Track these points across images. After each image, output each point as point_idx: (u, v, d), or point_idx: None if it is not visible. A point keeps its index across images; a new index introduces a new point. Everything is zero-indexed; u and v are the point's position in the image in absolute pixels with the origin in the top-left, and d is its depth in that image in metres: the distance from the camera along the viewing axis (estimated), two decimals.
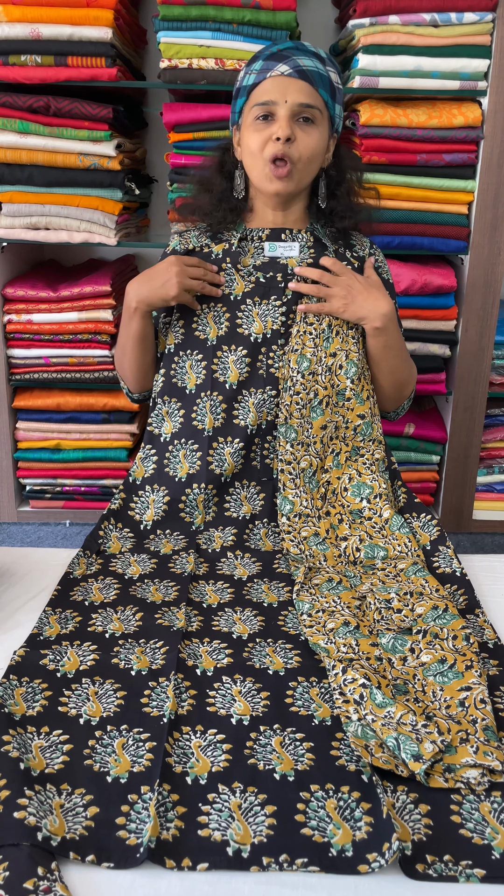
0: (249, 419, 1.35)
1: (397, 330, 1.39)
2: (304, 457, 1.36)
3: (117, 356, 1.50)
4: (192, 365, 1.39)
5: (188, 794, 0.80)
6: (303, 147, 1.28)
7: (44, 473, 2.16)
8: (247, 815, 0.77)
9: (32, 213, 1.91)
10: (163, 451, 1.41)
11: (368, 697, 0.92)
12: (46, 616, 1.12)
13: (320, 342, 1.35)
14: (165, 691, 0.95)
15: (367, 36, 1.79)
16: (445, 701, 0.94)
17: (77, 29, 1.76)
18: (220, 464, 1.36)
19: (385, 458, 1.41)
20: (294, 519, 1.34)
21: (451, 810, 0.79)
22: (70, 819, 0.77)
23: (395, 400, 1.48)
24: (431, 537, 1.32)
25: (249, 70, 1.30)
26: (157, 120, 2.23)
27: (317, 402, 1.35)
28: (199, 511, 1.38)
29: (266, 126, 1.27)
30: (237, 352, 1.36)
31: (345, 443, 1.38)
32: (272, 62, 1.26)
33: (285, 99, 1.25)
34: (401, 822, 0.77)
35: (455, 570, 1.25)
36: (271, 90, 1.26)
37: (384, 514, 1.33)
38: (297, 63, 1.25)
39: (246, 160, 1.33)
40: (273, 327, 1.36)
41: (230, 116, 1.38)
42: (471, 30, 1.78)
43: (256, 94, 1.28)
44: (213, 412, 1.37)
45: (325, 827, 0.76)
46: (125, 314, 1.39)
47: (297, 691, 0.96)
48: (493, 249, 1.93)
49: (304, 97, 1.26)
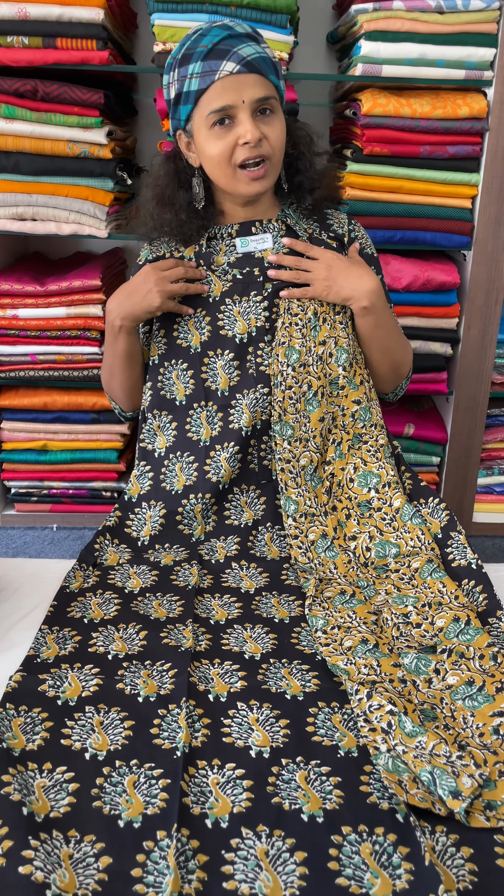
0: (243, 421, 1.29)
1: (387, 307, 1.33)
2: (304, 453, 1.29)
3: (105, 378, 1.43)
4: (179, 375, 1.32)
5: (209, 840, 0.73)
6: (273, 140, 1.21)
7: (30, 475, 2.07)
8: (275, 864, 0.71)
9: (19, 203, 1.82)
10: (158, 468, 1.34)
11: (397, 726, 0.85)
12: (43, 635, 1.04)
13: (307, 332, 1.29)
14: (177, 720, 0.88)
15: (371, 22, 1.72)
16: (478, 728, 0.88)
17: (67, 9, 1.67)
18: (217, 471, 1.30)
19: (389, 444, 1.35)
20: (300, 520, 1.27)
21: (495, 853, 0.73)
22: (80, 871, 0.69)
23: (392, 381, 1.42)
24: (442, 523, 1.26)
25: (188, 73, 1.18)
26: (147, 107, 2.14)
27: (311, 394, 1.29)
28: (197, 522, 1.31)
29: (227, 131, 1.19)
30: (224, 356, 1.30)
31: (345, 431, 1.32)
32: (213, 61, 1.16)
33: (242, 99, 1.17)
34: (443, 869, 0.71)
35: (470, 561, 1.18)
36: (224, 93, 1.16)
37: (395, 504, 1.27)
38: (241, 55, 1.16)
39: (210, 168, 1.24)
40: (257, 324, 1.29)
41: (171, 122, 1.27)
42: (477, 17, 1.72)
43: (207, 99, 1.18)
44: (210, 422, 1.30)
45: (362, 876, 0.70)
46: (109, 334, 1.32)
47: (318, 718, 0.90)
48: (496, 245, 1.87)
49: (260, 90, 1.18)
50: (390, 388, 1.44)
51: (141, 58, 2.09)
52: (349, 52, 1.87)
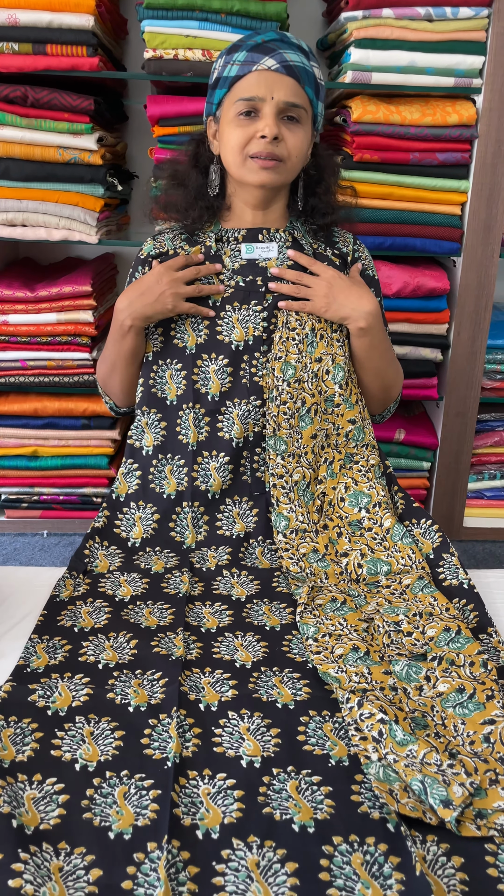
0: (234, 432, 1.29)
1: (382, 330, 1.34)
2: (297, 469, 1.29)
3: (102, 372, 1.42)
4: (172, 375, 1.32)
5: (200, 852, 0.73)
6: (290, 146, 1.22)
7: (20, 482, 2.06)
8: (266, 875, 0.70)
9: (9, 209, 1.81)
10: (146, 466, 1.33)
11: (388, 734, 0.85)
12: (33, 644, 1.04)
13: (304, 347, 1.29)
14: (168, 730, 0.87)
15: (360, 29, 1.72)
16: (469, 736, 0.88)
17: (57, 15, 1.67)
18: (206, 479, 1.29)
19: (380, 464, 1.35)
20: (291, 536, 1.27)
21: (486, 862, 0.73)
22: (70, 885, 0.69)
23: (382, 402, 1.43)
24: (434, 544, 1.26)
25: (231, 60, 1.22)
26: (137, 113, 2.14)
27: (305, 410, 1.29)
28: (188, 530, 1.30)
29: (250, 122, 1.21)
30: (218, 360, 1.30)
31: (337, 450, 1.32)
32: (257, 54, 1.19)
33: (272, 95, 1.19)
34: (434, 879, 0.71)
35: (462, 581, 1.19)
36: (257, 85, 1.19)
37: (385, 524, 1.27)
38: (284, 57, 1.18)
39: (225, 155, 1.26)
40: (255, 333, 1.29)
41: (205, 107, 1.31)
42: (466, 25, 1.73)
43: (240, 87, 1.21)
44: (197, 425, 1.30)
45: (353, 886, 0.70)
46: (116, 332, 1.31)
47: (309, 727, 0.90)
48: (486, 251, 1.88)
49: (291, 95, 1.20)
50: (378, 410, 1.45)
51: (131, 64, 2.09)
52: (339, 59, 1.87)
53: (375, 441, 1.36)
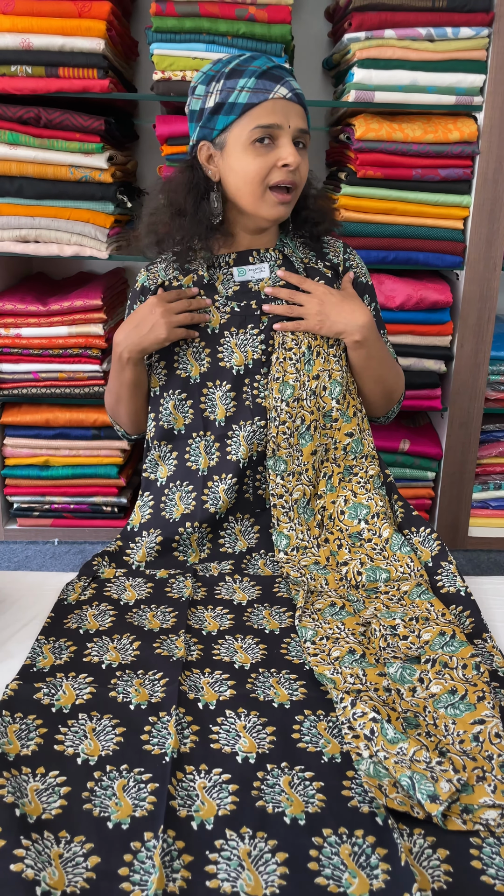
0: (241, 453, 1.32)
1: (378, 339, 1.35)
2: (297, 486, 1.32)
3: (110, 404, 1.45)
4: (177, 405, 1.35)
5: (194, 841, 0.76)
6: (303, 173, 1.25)
7: (32, 491, 2.11)
8: (257, 864, 0.73)
9: (22, 226, 1.87)
10: (159, 497, 1.36)
11: (379, 732, 0.88)
12: (39, 645, 1.07)
13: (301, 366, 1.31)
14: (167, 727, 0.91)
15: (363, 50, 1.77)
16: (459, 735, 0.90)
17: (69, 40, 1.73)
18: (216, 502, 1.32)
19: (380, 473, 1.37)
20: (292, 553, 1.30)
21: (470, 855, 0.75)
22: (70, 870, 0.72)
23: (384, 406, 1.45)
24: (433, 552, 1.28)
25: (238, 86, 1.20)
26: (148, 132, 2.20)
27: (304, 428, 1.31)
28: (192, 549, 1.34)
29: (266, 150, 1.21)
30: (222, 387, 1.32)
31: (336, 464, 1.35)
32: (268, 82, 1.19)
33: (289, 124, 1.21)
34: (419, 869, 0.74)
35: (459, 589, 1.21)
36: (274, 113, 1.20)
37: (384, 534, 1.29)
38: (293, 86, 1.21)
39: (236, 183, 1.24)
40: (254, 357, 1.32)
41: (197, 130, 1.26)
42: (467, 45, 1.77)
43: (256, 114, 1.20)
44: (208, 452, 1.33)
45: (341, 876, 0.72)
46: (116, 364, 1.34)
47: (304, 726, 0.92)
48: (488, 265, 1.92)
49: (303, 123, 1.23)
50: (382, 413, 1.47)
51: (142, 84, 2.15)
52: (343, 78, 1.92)
53: (375, 451, 1.39)
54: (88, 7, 1.71)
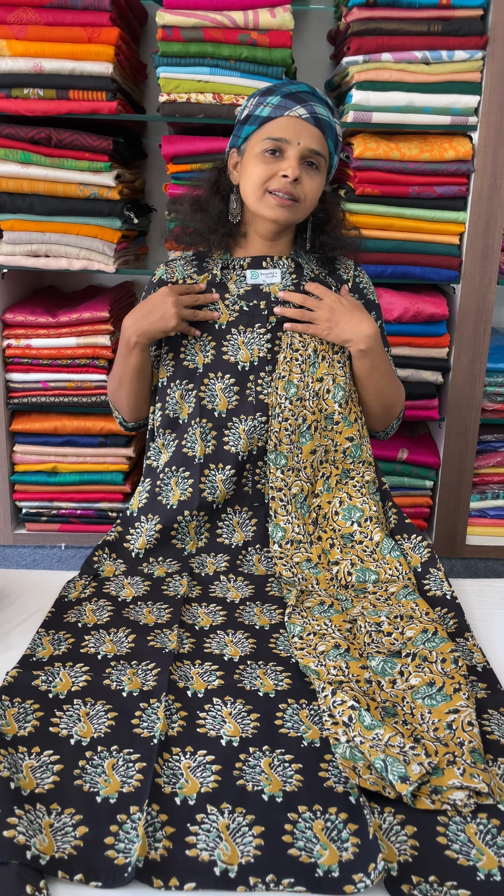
0: (241, 446, 1.37)
1: (383, 351, 1.41)
2: (296, 482, 1.37)
3: (112, 387, 1.51)
4: (183, 395, 1.40)
5: (177, 815, 0.81)
6: (307, 188, 1.32)
7: (40, 496, 2.17)
8: (234, 836, 0.78)
9: (33, 241, 1.95)
10: (155, 481, 1.42)
11: (357, 719, 0.92)
12: (40, 637, 1.13)
13: (307, 367, 1.37)
14: (156, 712, 0.96)
15: (361, 73, 1.84)
16: (433, 723, 0.95)
17: (79, 64, 1.81)
18: (213, 491, 1.38)
19: (376, 480, 1.42)
20: (286, 546, 1.35)
21: (437, 832, 0.80)
22: (59, 838, 0.77)
23: (384, 420, 1.49)
24: (422, 559, 1.33)
25: (265, 101, 1.31)
26: (156, 151, 2.28)
27: (305, 426, 1.37)
28: (190, 537, 1.39)
29: (274, 161, 1.30)
30: (225, 379, 1.38)
31: (335, 466, 1.40)
32: (290, 101, 1.29)
33: (298, 141, 1.29)
34: (387, 843, 0.78)
35: (445, 593, 1.26)
36: (286, 129, 1.29)
37: (375, 538, 1.34)
38: (314, 109, 1.29)
39: (244, 186, 1.35)
40: (259, 355, 1.37)
41: (230, 139, 1.39)
42: (461, 67, 1.84)
43: (270, 127, 1.30)
44: (204, 439, 1.38)
45: (312, 848, 0.77)
46: (123, 348, 1.41)
47: (286, 713, 0.97)
48: (483, 279, 1.97)
49: (315, 143, 1.30)
50: (381, 427, 1.52)
51: (150, 105, 2.23)
52: (344, 99, 1.99)
53: (373, 458, 1.44)
54: (98, 33, 1.80)
